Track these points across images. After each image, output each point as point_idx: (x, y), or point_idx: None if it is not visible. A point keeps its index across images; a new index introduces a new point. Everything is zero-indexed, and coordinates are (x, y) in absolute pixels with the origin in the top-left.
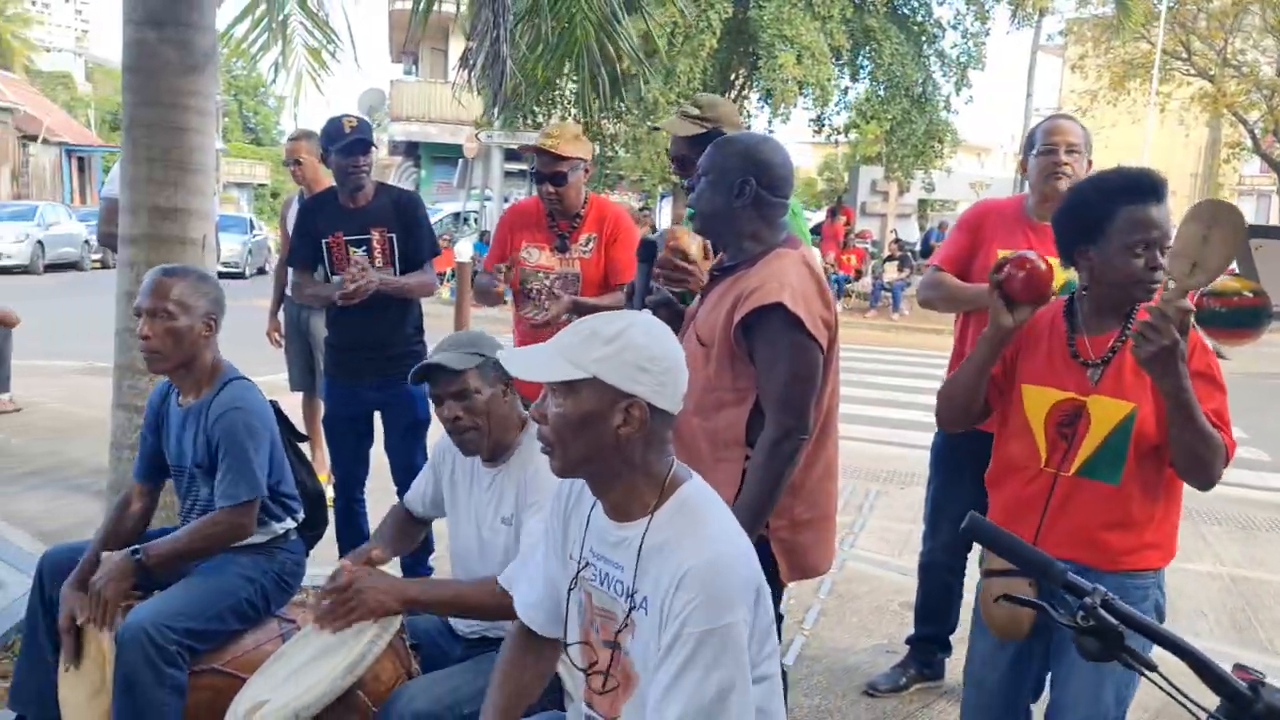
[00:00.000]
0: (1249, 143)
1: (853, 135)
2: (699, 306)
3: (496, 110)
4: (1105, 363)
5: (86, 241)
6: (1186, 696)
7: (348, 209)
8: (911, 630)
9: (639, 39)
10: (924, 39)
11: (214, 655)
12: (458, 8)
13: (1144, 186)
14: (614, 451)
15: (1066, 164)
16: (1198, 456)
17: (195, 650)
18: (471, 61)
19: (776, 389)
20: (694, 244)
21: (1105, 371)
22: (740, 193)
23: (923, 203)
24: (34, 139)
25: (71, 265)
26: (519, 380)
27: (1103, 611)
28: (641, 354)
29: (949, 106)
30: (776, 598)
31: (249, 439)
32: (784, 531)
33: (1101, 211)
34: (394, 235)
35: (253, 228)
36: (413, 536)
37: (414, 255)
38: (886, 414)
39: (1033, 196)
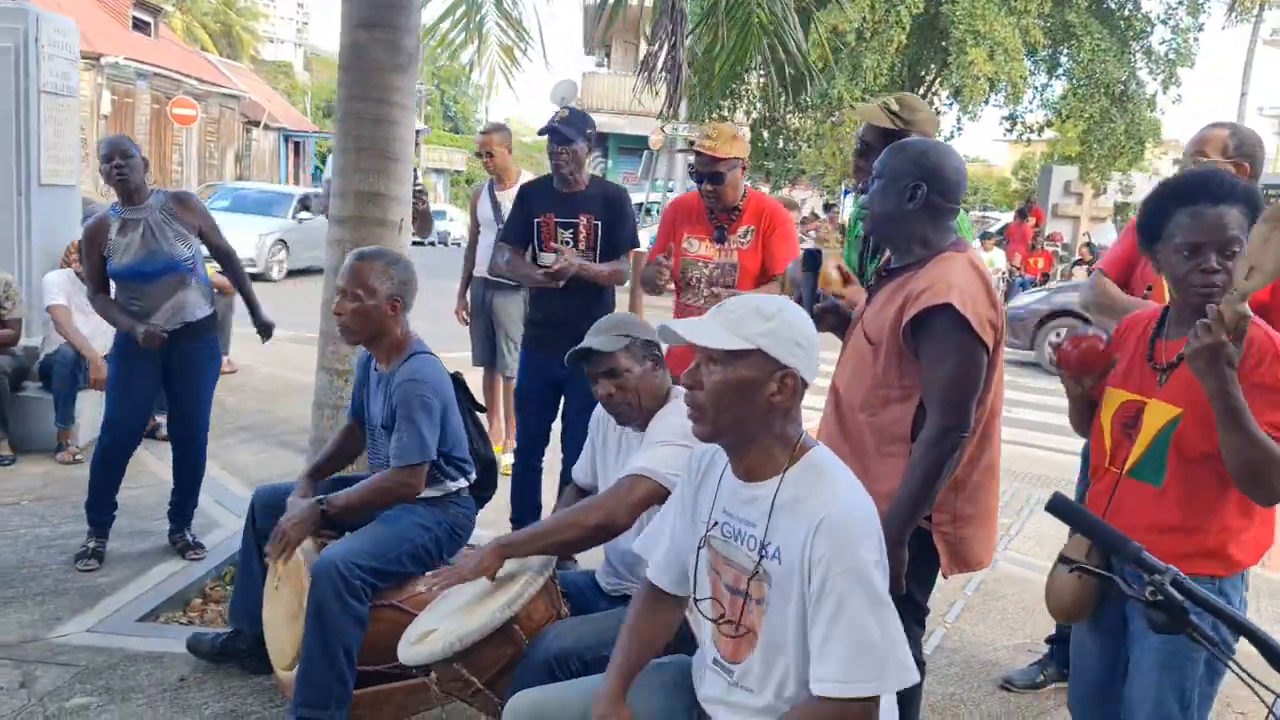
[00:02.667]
0: None
1: (1048, 134)
2: (865, 307)
3: (671, 109)
4: (1172, 367)
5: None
6: (1252, 677)
7: (561, 194)
8: (1054, 630)
9: (827, 34)
10: (1130, 34)
11: (393, 593)
12: (643, 3)
13: (1196, 189)
14: (761, 417)
15: None
16: (1247, 466)
17: (377, 587)
18: (652, 65)
19: (940, 387)
20: (831, 270)
21: (1170, 376)
22: (912, 197)
23: (1122, 206)
24: (256, 124)
25: (281, 243)
26: (672, 364)
27: (1171, 589)
28: (798, 331)
29: (1153, 105)
30: (932, 588)
31: (421, 409)
32: (946, 525)
33: (1163, 214)
34: (599, 223)
35: None
36: None
37: (615, 243)
38: (1060, 420)
39: None
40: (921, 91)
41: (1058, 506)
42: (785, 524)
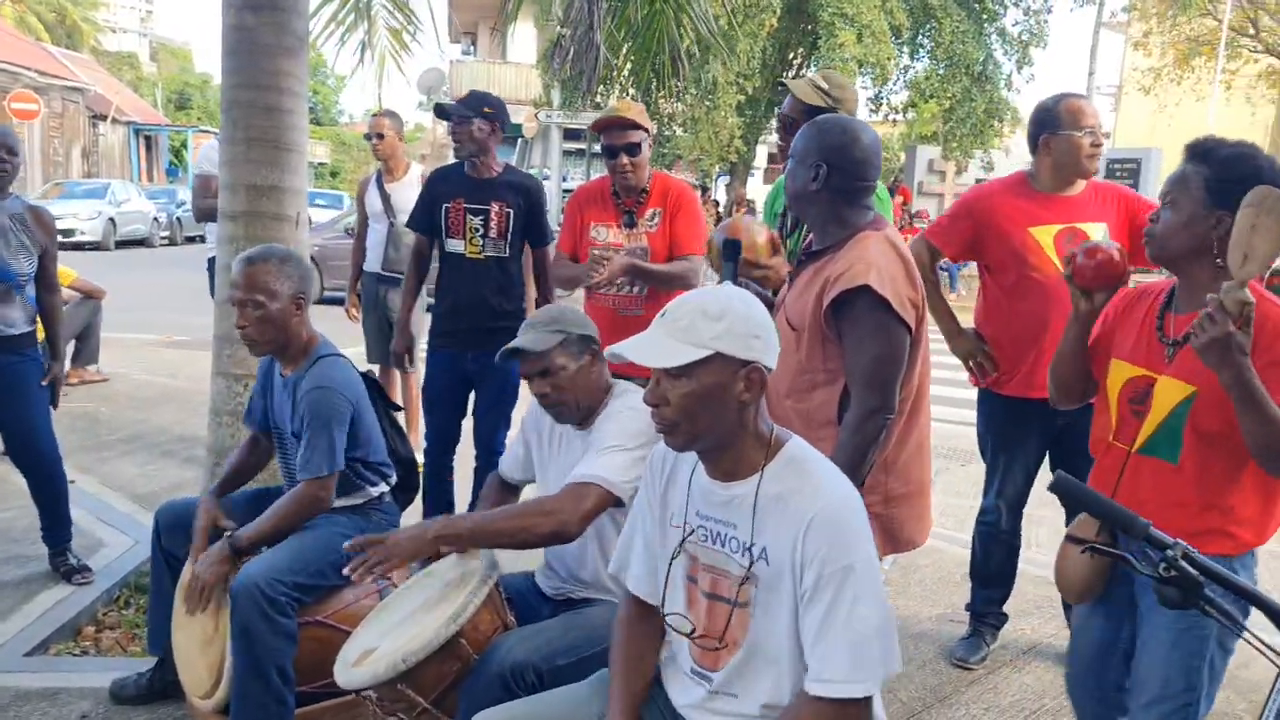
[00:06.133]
0: None
1: (910, 114)
2: (788, 291)
3: (589, 93)
4: (1181, 343)
5: (155, 219)
6: (1264, 643)
7: (472, 179)
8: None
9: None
10: (985, 17)
11: (317, 608)
12: None
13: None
14: (735, 417)
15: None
16: (1268, 446)
17: (302, 601)
18: (565, 49)
19: (862, 369)
20: (760, 237)
21: (1179, 352)
22: (815, 176)
23: (981, 182)
24: (103, 118)
25: (140, 242)
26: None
27: (1184, 563)
28: (751, 323)
29: (1009, 85)
30: None
31: (331, 417)
32: (878, 507)
33: None
34: (511, 212)
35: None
36: (508, 503)
37: (528, 236)
38: (949, 392)
39: (1056, 174)
40: (791, 74)
41: (1063, 486)
42: (772, 523)
